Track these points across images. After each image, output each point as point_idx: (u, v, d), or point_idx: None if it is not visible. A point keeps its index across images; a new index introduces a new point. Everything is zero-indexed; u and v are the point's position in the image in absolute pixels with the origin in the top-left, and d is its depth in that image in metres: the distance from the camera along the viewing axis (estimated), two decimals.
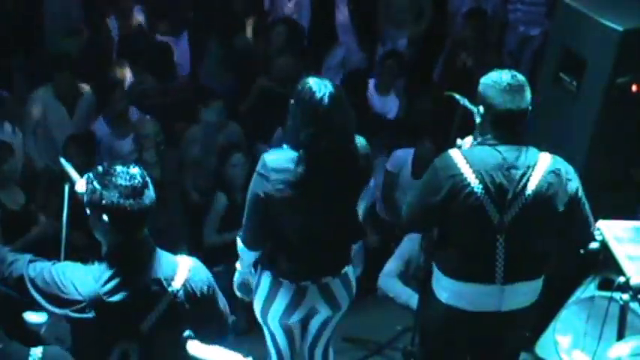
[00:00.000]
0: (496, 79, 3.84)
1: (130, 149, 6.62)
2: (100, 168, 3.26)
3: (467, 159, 3.83)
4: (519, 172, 3.80)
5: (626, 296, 3.94)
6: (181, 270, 3.30)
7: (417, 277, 5.42)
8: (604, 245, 4.16)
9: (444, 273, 4.01)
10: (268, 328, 4.31)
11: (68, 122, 6.85)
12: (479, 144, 3.91)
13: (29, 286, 3.22)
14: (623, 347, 2.63)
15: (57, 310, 3.20)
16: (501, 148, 3.83)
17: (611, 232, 4.19)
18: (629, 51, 4.96)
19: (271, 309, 4.19)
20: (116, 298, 3.18)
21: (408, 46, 8.25)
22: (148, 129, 6.47)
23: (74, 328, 3.24)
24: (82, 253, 3.45)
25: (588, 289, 4.73)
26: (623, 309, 3.99)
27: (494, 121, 3.84)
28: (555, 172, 3.85)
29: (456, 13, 8.39)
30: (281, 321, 4.24)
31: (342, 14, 8.37)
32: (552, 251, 4.02)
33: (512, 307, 3.97)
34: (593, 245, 4.15)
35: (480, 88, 3.89)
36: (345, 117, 3.94)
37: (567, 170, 3.92)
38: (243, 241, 4.13)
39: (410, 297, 5.48)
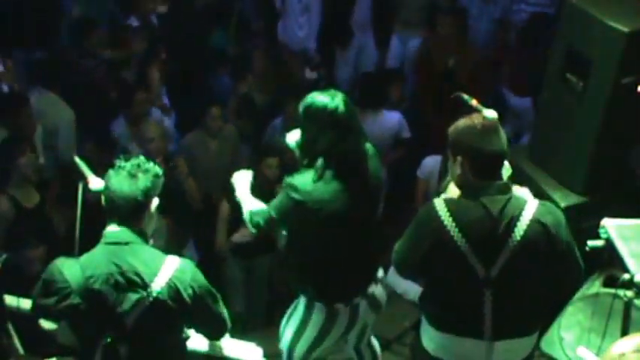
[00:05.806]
0: (469, 124, 3.65)
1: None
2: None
3: (451, 211, 3.63)
4: (504, 223, 3.61)
5: (630, 293, 3.98)
6: (166, 269, 3.35)
7: None
8: (609, 243, 4.19)
9: (430, 324, 3.88)
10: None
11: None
12: (462, 197, 3.72)
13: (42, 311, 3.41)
14: (627, 343, 2.67)
15: (50, 300, 3.30)
16: (485, 199, 3.63)
17: (616, 230, 4.22)
18: (634, 52, 4.98)
19: (303, 337, 4.21)
20: (99, 286, 3.27)
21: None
22: (152, 132, 6.46)
23: (66, 318, 3.35)
24: None
25: (593, 285, 4.77)
26: (628, 305, 4.04)
27: (475, 167, 3.64)
28: (541, 222, 3.64)
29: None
30: (306, 354, 4.25)
31: (362, 12, 8.32)
32: (543, 305, 3.88)
33: None
34: (598, 243, 4.21)
35: (453, 138, 3.69)
36: (358, 121, 4.01)
37: (555, 218, 3.71)
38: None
39: (417, 293, 5.50)
